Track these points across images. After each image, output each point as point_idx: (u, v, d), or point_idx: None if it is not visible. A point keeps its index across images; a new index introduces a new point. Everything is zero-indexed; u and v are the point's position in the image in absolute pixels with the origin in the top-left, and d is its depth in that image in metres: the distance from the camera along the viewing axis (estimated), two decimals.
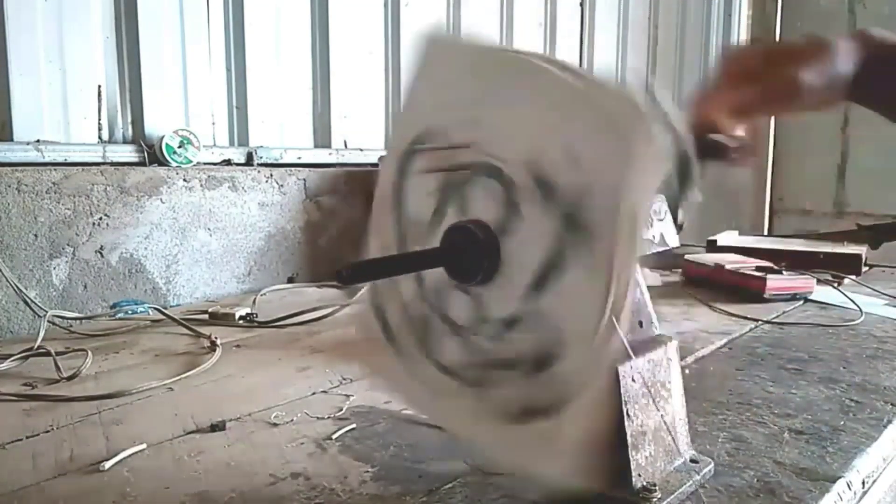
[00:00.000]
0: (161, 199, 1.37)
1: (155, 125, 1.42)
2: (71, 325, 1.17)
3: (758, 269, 1.47)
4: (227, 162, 1.54)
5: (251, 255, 1.53)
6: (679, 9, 3.04)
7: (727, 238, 1.94)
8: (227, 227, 1.48)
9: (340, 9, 1.73)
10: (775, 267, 1.48)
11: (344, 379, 0.90)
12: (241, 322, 1.21)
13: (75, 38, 1.31)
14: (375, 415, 0.77)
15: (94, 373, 0.93)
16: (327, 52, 1.72)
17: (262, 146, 1.61)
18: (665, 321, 1.13)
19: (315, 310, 1.24)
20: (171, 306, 1.34)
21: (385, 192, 0.61)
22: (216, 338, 1.05)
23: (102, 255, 1.30)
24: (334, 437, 0.71)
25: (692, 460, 0.59)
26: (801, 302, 1.39)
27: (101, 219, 1.29)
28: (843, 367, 0.96)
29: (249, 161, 1.58)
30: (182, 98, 1.48)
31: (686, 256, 1.66)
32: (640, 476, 0.53)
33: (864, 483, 0.64)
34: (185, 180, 1.40)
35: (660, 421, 0.55)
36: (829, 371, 0.94)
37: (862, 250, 1.69)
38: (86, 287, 1.28)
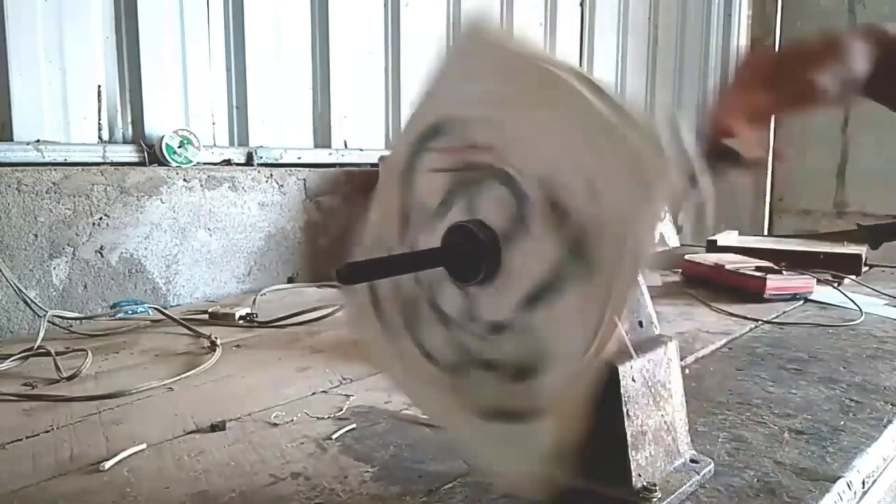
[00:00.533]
0: (161, 199, 1.37)
1: (155, 125, 1.42)
2: (71, 325, 1.17)
3: (758, 269, 1.47)
4: (227, 162, 1.54)
5: (251, 255, 1.53)
6: (679, 9, 3.04)
7: (727, 238, 1.94)
8: (227, 227, 1.48)
9: (340, 9, 1.73)
10: (775, 267, 1.48)
11: (344, 379, 0.90)
12: (241, 322, 1.21)
13: (75, 38, 1.31)
14: (375, 415, 0.77)
15: (94, 373, 0.93)
16: (327, 52, 1.72)
17: (262, 146, 1.61)
18: (665, 321, 1.13)
19: (315, 310, 1.24)
20: (171, 306, 1.34)
21: (397, 163, 0.60)
22: (216, 338, 1.05)
23: (102, 255, 1.30)
24: (334, 437, 0.71)
25: (692, 460, 0.59)
26: (801, 302, 1.39)
27: (101, 219, 1.29)
28: (843, 367, 0.96)
29: (249, 161, 1.58)
30: (182, 98, 1.48)
31: (686, 256, 1.66)
32: (640, 476, 0.53)
33: (864, 483, 0.64)
34: (185, 180, 1.40)
35: (660, 421, 0.55)
36: (829, 371, 0.94)
37: (862, 250, 1.69)
38: (86, 287, 1.28)
